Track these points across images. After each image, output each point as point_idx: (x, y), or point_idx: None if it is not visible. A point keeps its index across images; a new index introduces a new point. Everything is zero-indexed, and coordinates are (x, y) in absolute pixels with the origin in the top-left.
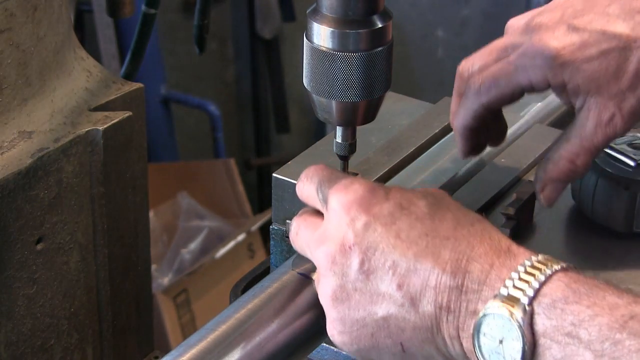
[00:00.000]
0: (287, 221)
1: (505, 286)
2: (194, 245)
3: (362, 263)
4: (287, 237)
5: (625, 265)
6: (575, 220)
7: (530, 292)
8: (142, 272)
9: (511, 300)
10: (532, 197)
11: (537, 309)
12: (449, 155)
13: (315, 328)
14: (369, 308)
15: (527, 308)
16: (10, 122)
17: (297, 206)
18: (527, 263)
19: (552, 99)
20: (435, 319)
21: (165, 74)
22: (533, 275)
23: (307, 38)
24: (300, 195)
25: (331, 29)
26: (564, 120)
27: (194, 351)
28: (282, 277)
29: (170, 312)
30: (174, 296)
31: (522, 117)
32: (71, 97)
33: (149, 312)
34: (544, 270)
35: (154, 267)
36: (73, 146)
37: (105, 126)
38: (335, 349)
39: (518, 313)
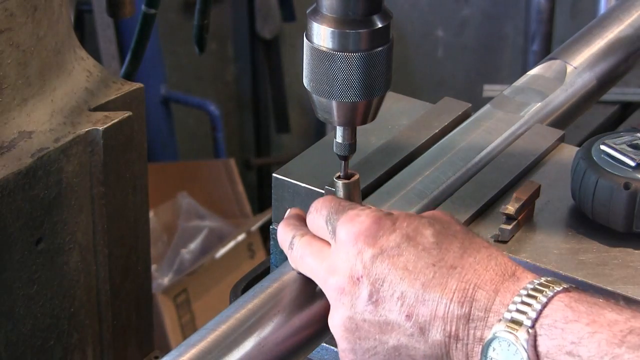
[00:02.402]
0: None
1: (508, 310)
2: (194, 245)
3: (370, 294)
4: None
5: (625, 265)
6: (575, 220)
7: (533, 315)
8: (142, 272)
9: (515, 323)
10: (532, 197)
11: (540, 330)
12: (449, 155)
13: (315, 328)
14: (379, 337)
15: (530, 330)
16: (10, 122)
17: (297, 206)
18: (529, 286)
19: (552, 99)
20: (445, 347)
21: (165, 74)
22: (535, 297)
23: (307, 38)
24: (310, 227)
25: (331, 29)
26: (564, 120)
27: (194, 351)
28: (282, 277)
29: (170, 312)
30: (174, 296)
31: (522, 117)
32: (71, 97)
33: (149, 312)
34: (546, 292)
35: (154, 267)
36: (73, 146)
37: (105, 126)
38: (335, 349)
39: (522, 335)
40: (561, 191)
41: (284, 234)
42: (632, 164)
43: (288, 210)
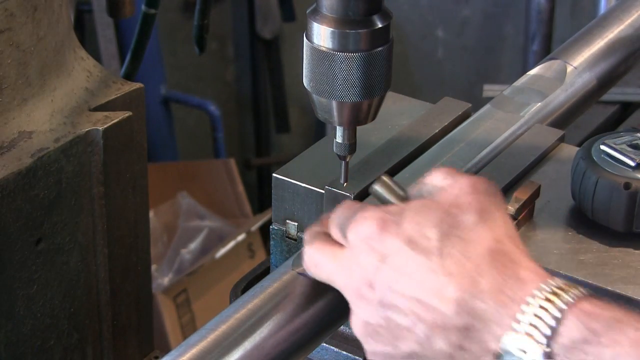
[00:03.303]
0: (287, 221)
1: (517, 321)
2: (194, 245)
3: (381, 300)
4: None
5: (625, 265)
6: (575, 220)
7: (547, 331)
8: (142, 272)
9: (528, 337)
10: (532, 197)
11: (556, 349)
12: (449, 155)
13: (315, 328)
14: (395, 343)
15: (546, 350)
16: (10, 122)
17: (297, 206)
18: (539, 295)
19: (552, 99)
20: (451, 358)
21: (165, 74)
22: (546, 309)
23: (307, 38)
24: (331, 233)
25: (331, 29)
26: (564, 120)
27: (194, 351)
28: (282, 277)
29: (170, 312)
30: (174, 296)
31: (522, 117)
32: (71, 97)
33: (149, 312)
34: (557, 303)
35: (154, 267)
36: (73, 146)
37: (105, 126)
38: (335, 349)
39: (537, 352)
40: (561, 191)
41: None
42: (632, 164)
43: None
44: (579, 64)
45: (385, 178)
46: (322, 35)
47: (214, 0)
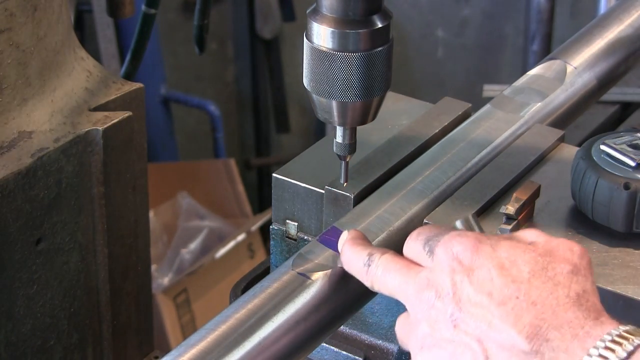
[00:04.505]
0: (287, 221)
1: (589, 354)
2: (194, 245)
3: (452, 313)
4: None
5: (625, 265)
6: (575, 220)
7: (623, 355)
8: (142, 272)
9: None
10: (532, 197)
11: None
12: (448, 156)
13: (315, 328)
14: (453, 357)
15: None
16: (10, 122)
17: (297, 206)
18: (614, 332)
19: (552, 99)
20: None
21: (165, 74)
22: (620, 344)
23: (307, 38)
24: (406, 253)
25: (331, 29)
26: (564, 120)
27: (194, 351)
28: (282, 277)
29: (170, 312)
30: (174, 296)
31: (522, 117)
32: (71, 97)
33: (149, 312)
34: (632, 340)
35: (154, 267)
36: (73, 146)
37: (105, 126)
38: (335, 349)
39: None
40: (561, 191)
41: (355, 252)
42: (632, 164)
43: (347, 233)
44: (579, 64)
45: (470, 218)
46: (322, 35)
47: (214, 0)
